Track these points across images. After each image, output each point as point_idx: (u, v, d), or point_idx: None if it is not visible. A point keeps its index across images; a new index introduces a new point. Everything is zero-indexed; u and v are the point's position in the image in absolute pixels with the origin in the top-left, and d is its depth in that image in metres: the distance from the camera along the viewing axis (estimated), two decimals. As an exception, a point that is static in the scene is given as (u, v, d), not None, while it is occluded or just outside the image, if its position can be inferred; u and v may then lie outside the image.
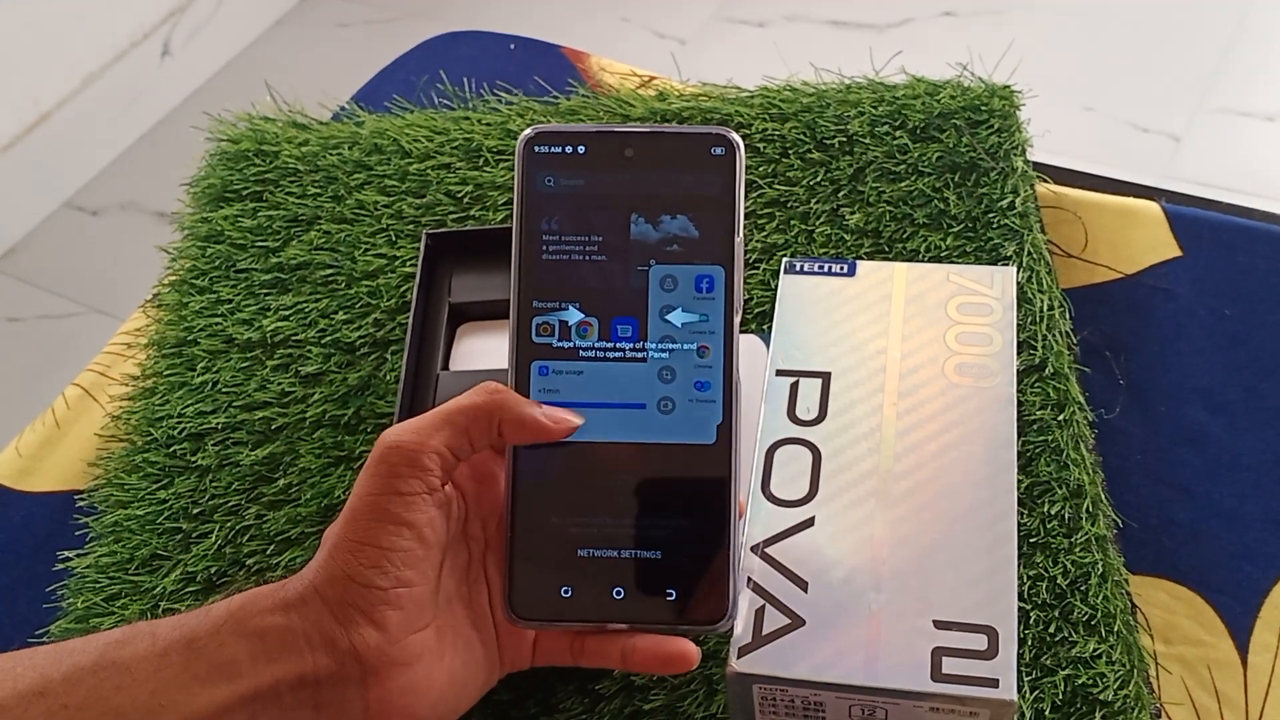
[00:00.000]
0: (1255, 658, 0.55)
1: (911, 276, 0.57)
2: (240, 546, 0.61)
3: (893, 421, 0.52)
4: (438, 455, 0.44)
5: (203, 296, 0.71)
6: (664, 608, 0.45)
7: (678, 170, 0.47)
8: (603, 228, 0.47)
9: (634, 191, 0.47)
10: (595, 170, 0.47)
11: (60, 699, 0.41)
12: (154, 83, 1.93)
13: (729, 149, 0.46)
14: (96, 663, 0.42)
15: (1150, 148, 1.67)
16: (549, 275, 0.47)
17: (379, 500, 0.43)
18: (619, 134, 0.47)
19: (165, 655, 0.42)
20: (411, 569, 0.43)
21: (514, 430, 0.45)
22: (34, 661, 0.43)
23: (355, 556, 0.43)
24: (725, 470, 0.46)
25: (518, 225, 0.47)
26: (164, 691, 0.42)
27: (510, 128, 0.77)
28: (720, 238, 0.46)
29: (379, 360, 0.67)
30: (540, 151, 0.47)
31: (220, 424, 0.65)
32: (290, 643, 0.43)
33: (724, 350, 0.46)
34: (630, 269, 0.47)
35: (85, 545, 0.63)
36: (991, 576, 0.47)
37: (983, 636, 0.46)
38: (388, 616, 0.43)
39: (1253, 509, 0.60)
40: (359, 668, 0.43)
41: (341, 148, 0.78)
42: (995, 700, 0.44)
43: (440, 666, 0.45)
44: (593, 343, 0.46)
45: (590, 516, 0.46)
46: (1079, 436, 0.59)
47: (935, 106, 0.73)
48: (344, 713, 0.44)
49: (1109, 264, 0.69)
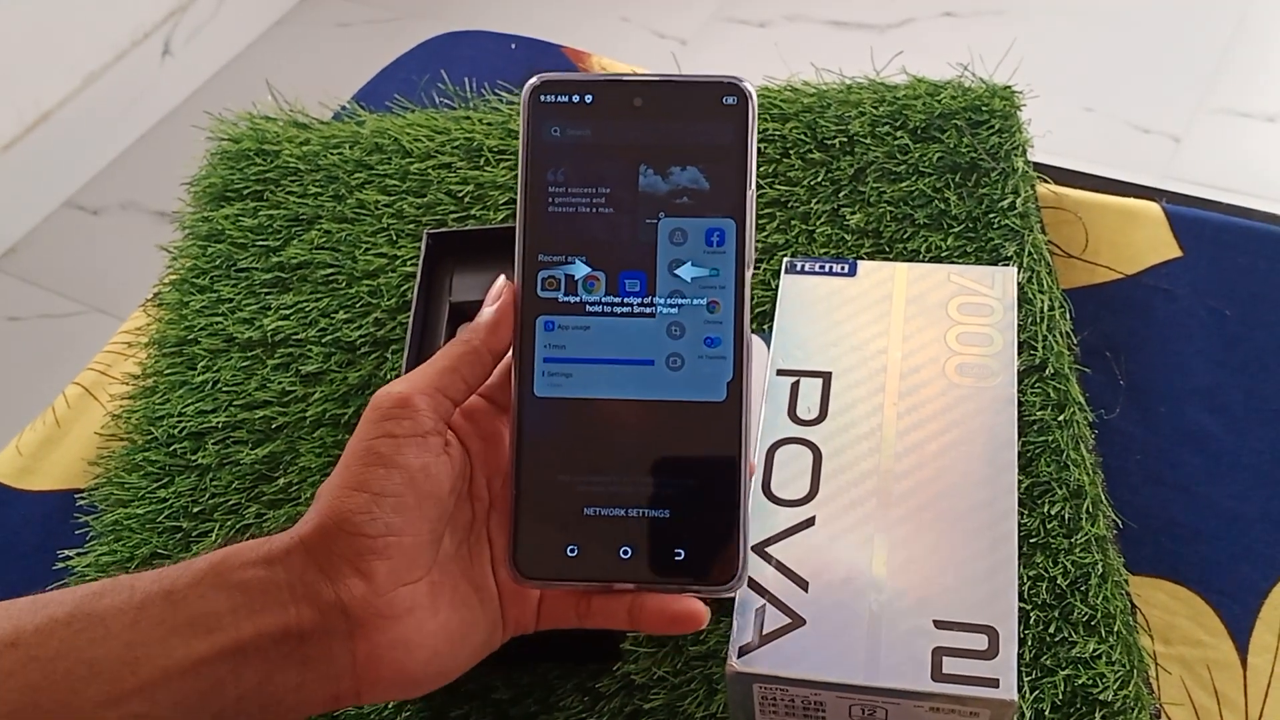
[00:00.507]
0: (1255, 658, 0.55)
1: (912, 277, 0.57)
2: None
3: (893, 421, 0.52)
4: (427, 396, 0.44)
5: (203, 295, 0.71)
6: (672, 568, 0.44)
7: (688, 120, 0.45)
8: (610, 179, 0.45)
9: (643, 142, 0.45)
10: (603, 120, 0.45)
11: (32, 650, 0.41)
12: (155, 82, 1.93)
13: (741, 98, 0.45)
14: (72, 614, 0.41)
15: (1151, 148, 1.67)
16: (555, 228, 0.45)
17: (371, 444, 0.43)
18: (627, 82, 0.46)
19: (142, 607, 0.41)
20: (401, 516, 0.42)
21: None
22: (9, 612, 0.42)
23: (344, 502, 0.42)
24: (735, 428, 0.44)
25: (523, 177, 0.46)
26: (140, 644, 0.41)
27: (511, 127, 0.77)
28: (732, 190, 0.45)
29: (379, 359, 0.67)
30: (546, 100, 0.46)
31: (221, 423, 0.65)
32: (273, 595, 0.42)
33: (734, 306, 0.45)
34: (639, 222, 0.45)
35: (85, 544, 0.63)
36: (992, 576, 0.47)
37: (983, 636, 0.46)
38: (375, 567, 0.42)
39: (1252, 509, 0.60)
40: (345, 621, 0.42)
41: (342, 147, 0.78)
42: (996, 700, 0.44)
43: (434, 622, 0.44)
44: (600, 297, 0.45)
45: (597, 474, 0.45)
46: (1079, 437, 0.59)
47: (936, 107, 0.73)
48: (331, 667, 0.43)
49: (1109, 264, 0.69)
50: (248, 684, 0.42)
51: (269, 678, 0.42)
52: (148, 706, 0.41)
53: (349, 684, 0.43)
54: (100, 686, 0.41)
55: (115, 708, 0.41)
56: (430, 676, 0.45)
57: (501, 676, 0.55)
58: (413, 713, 0.55)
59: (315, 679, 0.43)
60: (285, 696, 0.43)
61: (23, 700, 0.40)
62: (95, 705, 0.41)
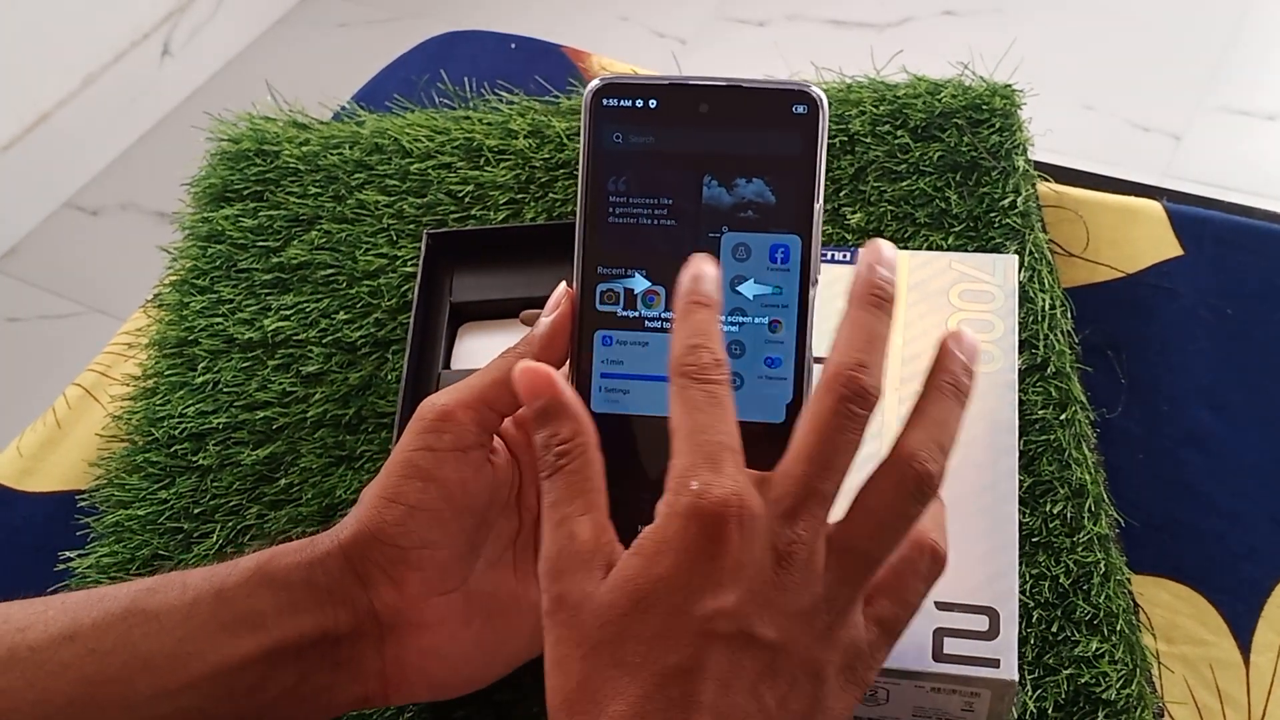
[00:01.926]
0: (1258, 657, 0.55)
1: (914, 264, 0.57)
2: (241, 547, 0.60)
3: (895, 407, 0.52)
4: (471, 409, 0.43)
5: (204, 296, 0.71)
6: None
7: (756, 129, 0.43)
8: (673, 189, 0.44)
9: (708, 151, 0.44)
10: (667, 126, 0.44)
11: (89, 643, 0.42)
12: (154, 83, 1.93)
13: (812, 106, 0.43)
14: (127, 609, 0.43)
15: (1151, 147, 1.67)
16: (615, 240, 0.44)
17: (410, 456, 0.43)
18: (694, 87, 0.44)
19: (194, 604, 0.43)
20: (436, 530, 0.43)
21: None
22: (65, 606, 0.43)
23: (381, 513, 0.43)
24: None
25: (582, 185, 0.44)
26: (191, 639, 0.42)
27: (511, 127, 0.77)
28: (799, 204, 0.43)
29: (380, 360, 0.67)
30: (609, 105, 0.44)
31: (221, 424, 0.65)
32: (313, 597, 0.43)
33: (797, 326, 0.44)
34: (701, 235, 0.44)
35: (86, 545, 0.63)
36: (992, 559, 0.48)
37: (984, 618, 0.46)
38: (408, 577, 0.43)
39: (1255, 508, 0.59)
40: (377, 626, 0.43)
41: (342, 147, 0.78)
42: (997, 680, 0.45)
43: (466, 632, 0.44)
44: (659, 313, 0.44)
45: (651, 492, 0.43)
46: (1081, 436, 0.59)
47: (936, 106, 0.73)
48: (361, 671, 0.44)
49: (1110, 263, 0.69)
50: (286, 682, 0.43)
51: (305, 678, 0.43)
52: (197, 700, 0.42)
53: (377, 687, 0.44)
54: (153, 680, 0.42)
55: (167, 701, 0.42)
56: (460, 682, 0.45)
57: (504, 678, 0.55)
58: (415, 713, 0.55)
59: (346, 681, 0.44)
60: (318, 696, 0.44)
61: (79, 692, 0.42)
62: (147, 698, 0.42)
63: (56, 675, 0.41)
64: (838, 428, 0.38)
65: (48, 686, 0.41)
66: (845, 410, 0.38)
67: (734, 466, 0.38)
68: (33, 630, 0.42)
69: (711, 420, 0.38)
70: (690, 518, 0.37)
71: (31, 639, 0.42)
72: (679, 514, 0.37)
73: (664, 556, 0.37)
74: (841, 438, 0.38)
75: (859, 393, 0.38)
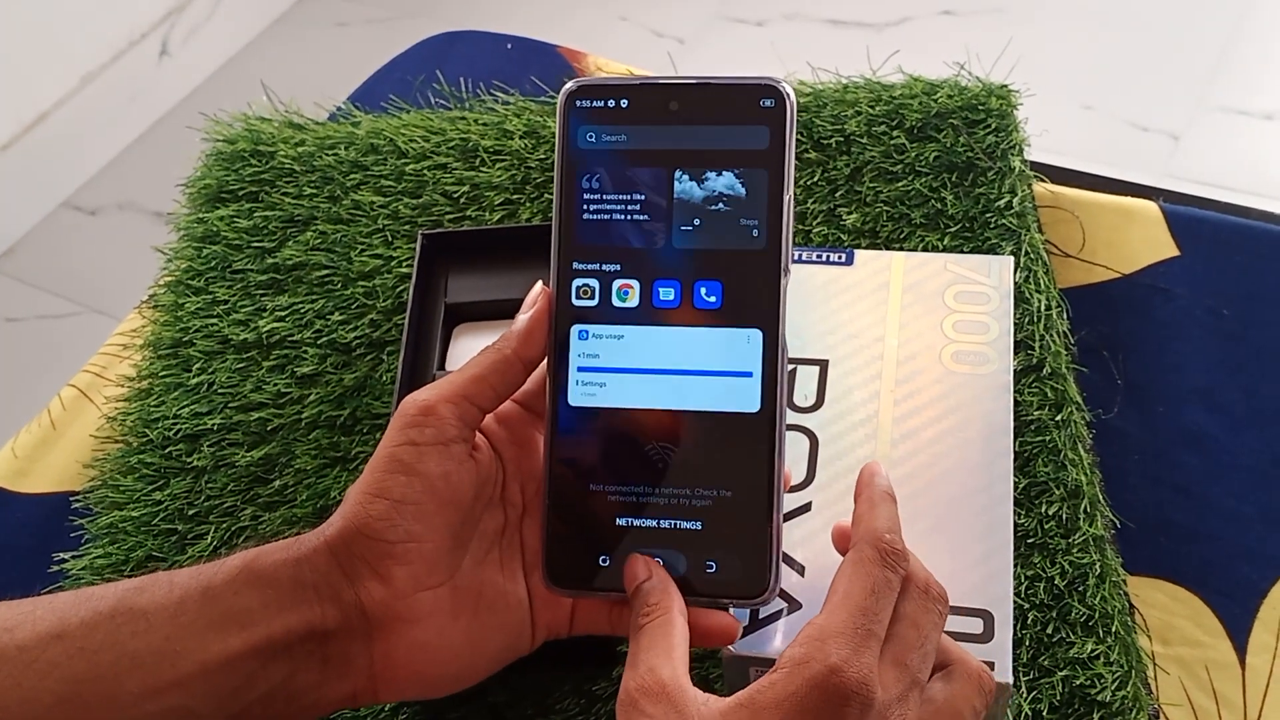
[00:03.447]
0: (1253, 658, 0.55)
1: (909, 265, 0.57)
2: (236, 548, 0.60)
3: (890, 409, 0.52)
4: (452, 404, 0.44)
5: (198, 297, 0.71)
6: (704, 580, 0.44)
7: (725, 124, 0.44)
8: (645, 185, 0.45)
9: (679, 146, 0.45)
10: (638, 124, 0.45)
11: (78, 642, 0.42)
12: (152, 82, 1.92)
13: (779, 100, 0.44)
14: (115, 608, 0.43)
15: (1149, 147, 1.67)
16: (589, 236, 0.45)
17: (393, 451, 0.43)
18: (663, 85, 0.45)
19: (182, 602, 0.43)
20: (421, 523, 0.43)
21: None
22: (53, 605, 0.43)
23: (366, 508, 0.43)
24: (769, 440, 0.44)
25: (559, 183, 0.45)
26: (179, 637, 0.42)
27: (507, 128, 0.77)
28: (769, 196, 0.44)
29: (375, 361, 0.67)
30: (582, 105, 0.45)
31: (216, 425, 0.65)
32: (300, 594, 0.43)
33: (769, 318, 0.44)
34: (674, 229, 0.45)
35: (80, 547, 0.63)
36: (987, 561, 0.48)
37: (979, 620, 0.46)
38: (393, 571, 0.43)
39: (1251, 509, 0.59)
40: (364, 622, 0.43)
41: (338, 148, 0.78)
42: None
43: (454, 627, 0.44)
44: (633, 306, 0.45)
45: (630, 485, 0.44)
46: (1077, 436, 0.59)
47: (933, 106, 0.73)
48: (349, 667, 0.44)
49: (1107, 264, 0.69)
50: (274, 679, 0.43)
51: (293, 675, 0.44)
52: (184, 699, 0.42)
53: (366, 683, 0.44)
54: (141, 678, 0.42)
55: (154, 700, 0.42)
56: (449, 679, 0.45)
57: (498, 679, 0.54)
58: (410, 714, 0.55)
59: (334, 677, 0.44)
60: (306, 693, 0.44)
61: (68, 691, 0.42)
62: (135, 697, 0.42)
63: (44, 674, 0.41)
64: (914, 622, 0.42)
65: (36, 685, 0.41)
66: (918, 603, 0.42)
67: (872, 655, 0.39)
68: (20, 630, 0.42)
69: (881, 608, 0.40)
70: (817, 686, 0.38)
71: (19, 638, 0.42)
72: (808, 679, 0.38)
73: (777, 713, 0.38)
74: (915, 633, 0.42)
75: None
